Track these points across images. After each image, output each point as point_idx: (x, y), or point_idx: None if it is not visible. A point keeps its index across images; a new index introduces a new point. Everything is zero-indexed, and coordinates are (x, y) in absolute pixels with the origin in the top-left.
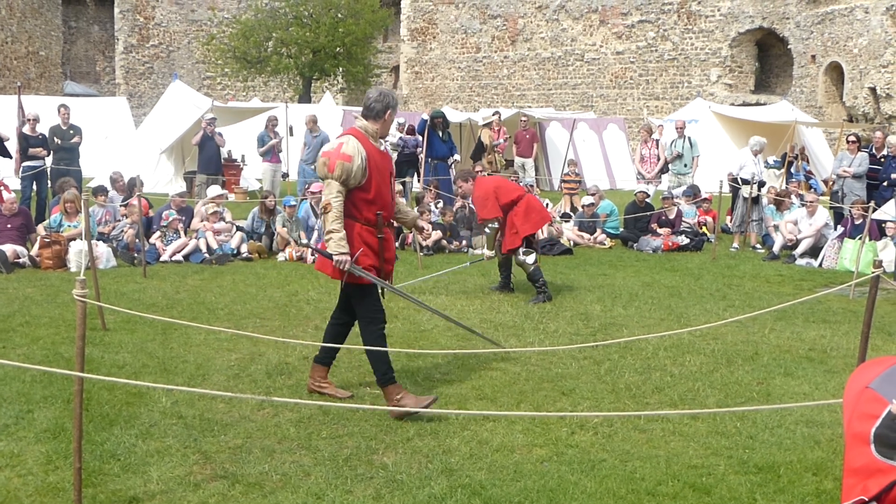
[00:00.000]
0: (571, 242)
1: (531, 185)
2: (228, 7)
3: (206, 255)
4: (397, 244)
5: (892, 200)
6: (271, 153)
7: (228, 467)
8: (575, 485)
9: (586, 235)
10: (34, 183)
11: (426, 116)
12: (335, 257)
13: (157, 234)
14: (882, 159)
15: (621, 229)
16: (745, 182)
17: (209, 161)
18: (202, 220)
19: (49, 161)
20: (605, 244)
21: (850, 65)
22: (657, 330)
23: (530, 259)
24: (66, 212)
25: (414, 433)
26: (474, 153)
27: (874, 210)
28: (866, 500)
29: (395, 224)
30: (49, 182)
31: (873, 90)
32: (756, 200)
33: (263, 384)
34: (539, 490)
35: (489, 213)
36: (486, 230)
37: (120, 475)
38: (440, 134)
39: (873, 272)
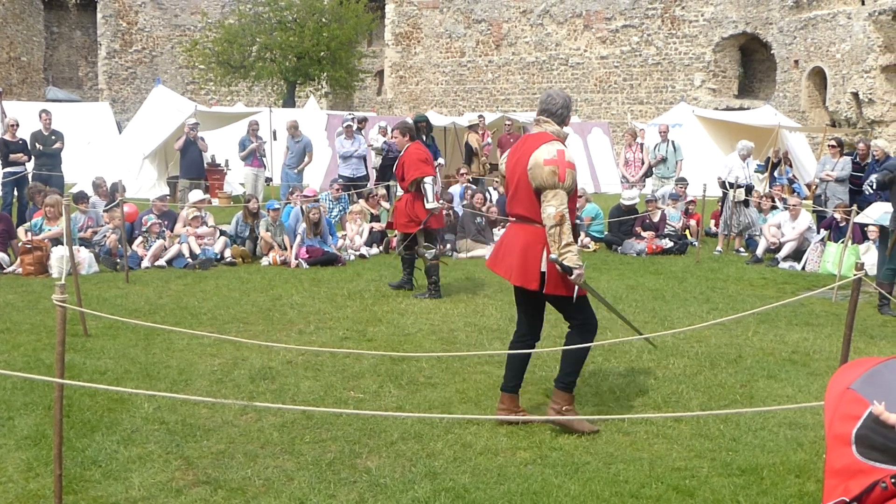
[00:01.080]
0: None
1: None
2: (212, 12)
3: (190, 259)
4: (381, 248)
5: (876, 203)
6: (253, 157)
7: (211, 473)
8: (559, 488)
9: None
10: (15, 189)
11: (410, 121)
12: (576, 272)
13: (140, 239)
14: (865, 166)
15: (606, 233)
16: (733, 186)
17: (192, 166)
18: (185, 225)
19: (31, 167)
20: (589, 247)
21: (833, 70)
22: (641, 332)
23: (430, 254)
24: (48, 217)
25: (397, 437)
26: (466, 158)
27: (857, 213)
28: (847, 500)
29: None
30: None
31: (856, 95)
32: (746, 204)
33: (247, 389)
34: (523, 493)
35: (420, 172)
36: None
37: (101, 482)
38: (424, 138)
39: (855, 275)
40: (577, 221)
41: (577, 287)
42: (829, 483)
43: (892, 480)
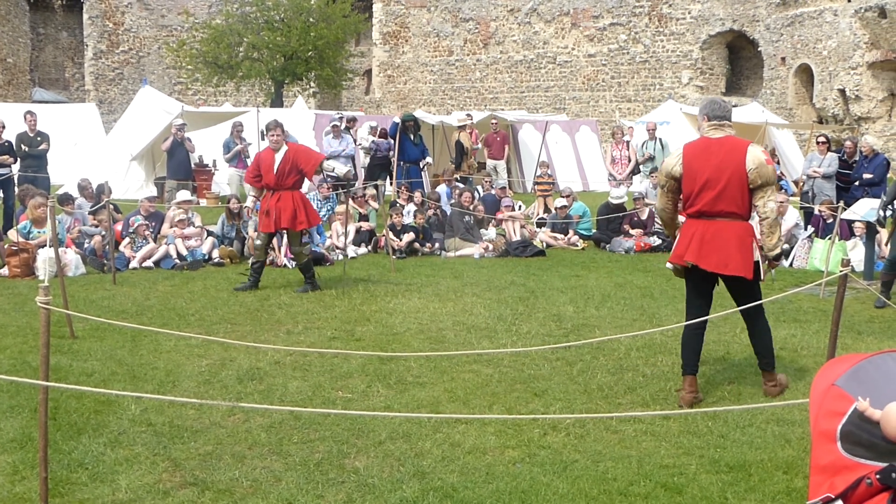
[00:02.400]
0: (544, 244)
1: (503, 188)
2: (199, 12)
3: (177, 260)
4: (370, 247)
5: (863, 200)
6: (237, 159)
7: (198, 474)
8: (547, 486)
9: (559, 237)
10: (0, 191)
11: (398, 120)
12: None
13: (126, 240)
14: (853, 164)
15: (594, 231)
16: None
17: (179, 167)
18: (171, 227)
19: (16, 169)
20: (577, 245)
21: (820, 67)
22: (629, 330)
23: (306, 249)
24: (37, 220)
25: (386, 437)
26: (456, 157)
27: (843, 210)
28: (833, 497)
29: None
30: (16, 190)
31: (842, 92)
32: None
33: (234, 390)
34: (511, 492)
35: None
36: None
37: (88, 484)
38: (412, 137)
39: (841, 271)
40: (566, 220)
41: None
42: (815, 479)
43: (878, 476)
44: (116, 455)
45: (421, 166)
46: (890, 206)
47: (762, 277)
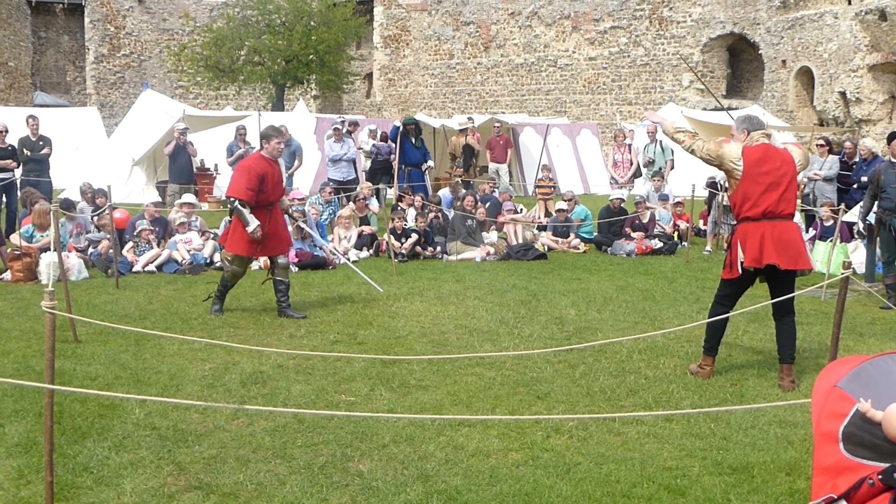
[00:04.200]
0: (546, 247)
1: (504, 191)
2: (200, 16)
3: (183, 262)
4: (371, 251)
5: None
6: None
7: (203, 478)
8: (550, 489)
9: (560, 240)
10: (3, 195)
11: (398, 124)
12: None
13: (130, 244)
14: (853, 165)
15: (595, 234)
16: (725, 189)
17: (181, 171)
18: (174, 228)
19: (19, 173)
20: (579, 249)
21: (820, 69)
22: (631, 333)
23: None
24: (41, 224)
25: (389, 440)
26: (465, 160)
27: (844, 213)
28: (836, 497)
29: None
30: (19, 194)
31: (843, 94)
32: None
33: (238, 393)
34: (515, 494)
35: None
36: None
37: (93, 488)
38: (413, 140)
39: (842, 273)
40: (567, 224)
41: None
42: (817, 480)
43: (879, 477)
44: (121, 459)
45: (423, 169)
46: (865, 217)
47: None
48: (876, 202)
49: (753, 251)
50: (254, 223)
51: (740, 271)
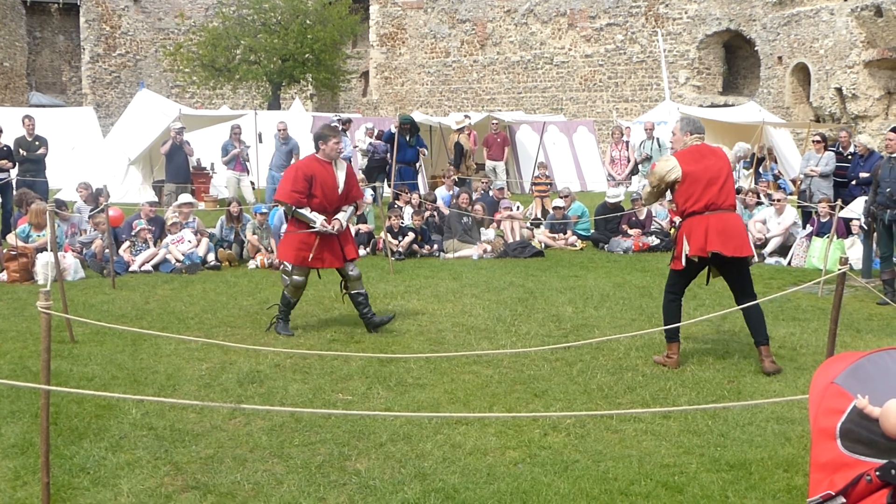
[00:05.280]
0: (542, 245)
1: (501, 189)
2: (196, 15)
3: (177, 264)
4: (368, 249)
5: (860, 198)
6: (235, 162)
7: (200, 478)
8: (548, 486)
9: (558, 236)
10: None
11: (394, 129)
12: None
13: (126, 244)
14: (849, 157)
15: (592, 231)
16: None
17: (178, 170)
18: (167, 229)
19: (14, 173)
20: (576, 246)
21: (817, 66)
22: (629, 330)
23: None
24: (37, 224)
25: (387, 438)
26: (455, 158)
27: (841, 209)
28: (833, 494)
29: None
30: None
31: (839, 90)
32: None
33: (235, 393)
34: (512, 492)
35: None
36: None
37: (90, 489)
38: (407, 138)
39: (839, 269)
40: (564, 221)
41: None
42: (815, 477)
43: (877, 473)
44: (118, 459)
45: (416, 167)
46: (868, 214)
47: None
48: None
49: (699, 241)
50: (318, 218)
51: (684, 264)
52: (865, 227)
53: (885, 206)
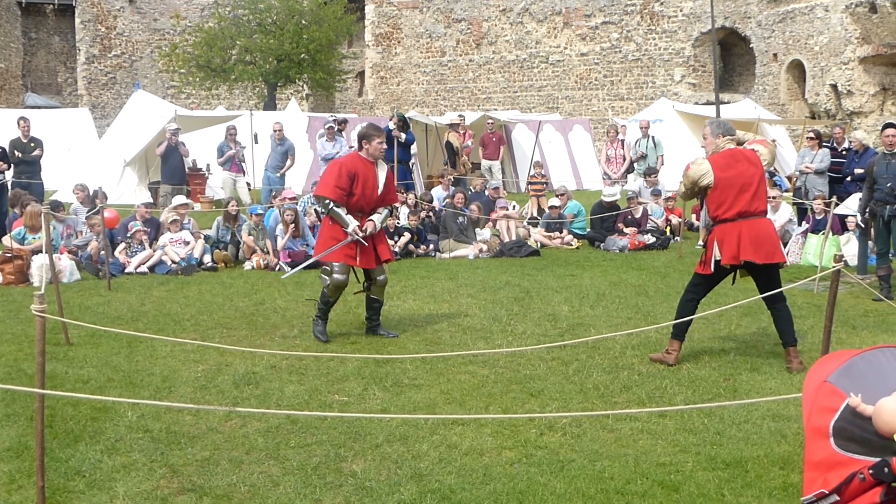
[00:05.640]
0: (538, 244)
1: (497, 188)
2: (191, 16)
3: (172, 265)
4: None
5: (856, 195)
6: (231, 163)
7: (196, 480)
8: (544, 486)
9: (554, 234)
10: None
11: (392, 126)
12: None
13: (122, 246)
14: (844, 152)
15: (588, 229)
16: None
17: (173, 171)
18: (166, 228)
19: (10, 175)
20: (572, 245)
21: (812, 62)
22: (625, 329)
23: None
24: (32, 226)
25: (383, 439)
26: (448, 158)
27: (836, 205)
28: (827, 492)
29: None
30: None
31: (834, 87)
32: None
33: (231, 395)
34: (509, 492)
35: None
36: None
37: (85, 492)
38: (401, 136)
39: (834, 266)
40: (560, 220)
41: None
42: (809, 475)
43: (870, 471)
44: (114, 462)
45: (409, 166)
46: (865, 210)
47: None
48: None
49: (731, 249)
50: (352, 223)
51: (712, 269)
52: (862, 225)
53: (884, 203)
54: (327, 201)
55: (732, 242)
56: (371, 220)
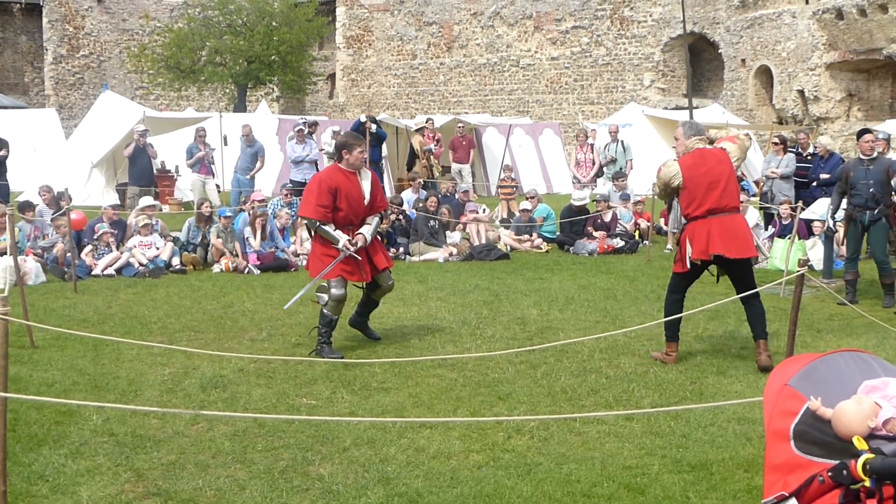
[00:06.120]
0: (508, 247)
1: (467, 191)
2: (160, 16)
3: (140, 268)
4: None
5: (821, 200)
6: (200, 165)
7: (161, 484)
8: (511, 489)
9: (523, 239)
10: None
11: (364, 118)
12: None
13: (89, 248)
14: (809, 157)
15: (557, 233)
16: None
17: (141, 173)
18: (135, 232)
19: None
20: (541, 248)
21: (779, 68)
22: (593, 332)
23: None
24: None
25: (350, 443)
26: (408, 161)
27: (802, 210)
28: (787, 495)
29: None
30: None
31: (801, 93)
32: None
33: (197, 398)
34: (476, 496)
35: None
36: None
37: (49, 496)
38: (371, 127)
39: (798, 271)
40: (530, 223)
41: None
42: (769, 478)
43: (829, 474)
44: (78, 466)
45: (381, 166)
46: (834, 214)
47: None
48: (845, 199)
49: (701, 244)
50: (342, 238)
51: (688, 266)
52: (835, 229)
53: (864, 208)
54: (314, 221)
55: (702, 238)
56: (360, 233)
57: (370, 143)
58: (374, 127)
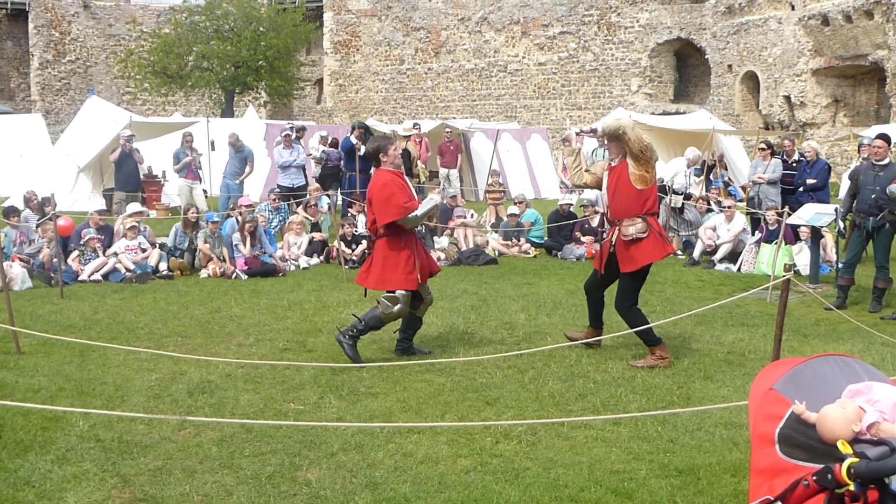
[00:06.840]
0: (496, 252)
1: (454, 196)
2: (147, 21)
3: (127, 273)
4: (321, 258)
5: (807, 205)
6: (187, 170)
7: (148, 490)
8: (499, 494)
9: (511, 244)
10: None
11: (354, 140)
12: None
13: (75, 253)
14: (794, 164)
15: (545, 238)
16: (676, 192)
17: (128, 178)
18: (122, 235)
19: None
20: (529, 253)
21: (766, 74)
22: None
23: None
24: None
25: (338, 448)
26: (406, 165)
27: (789, 215)
28: (772, 499)
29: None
30: None
31: (788, 98)
32: (681, 211)
33: (185, 404)
34: (463, 501)
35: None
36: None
37: (35, 502)
38: (361, 149)
39: (784, 276)
40: (518, 228)
41: None
42: (755, 482)
43: (814, 478)
44: (64, 472)
45: (370, 175)
46: (845, 216)
47: None
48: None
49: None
50: (436, 198)
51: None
52: (845, 232)
53: (867, 214)
54: (410, 216)
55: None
56: (432, 197)
57: (362, 158)
58: (363, 149)
